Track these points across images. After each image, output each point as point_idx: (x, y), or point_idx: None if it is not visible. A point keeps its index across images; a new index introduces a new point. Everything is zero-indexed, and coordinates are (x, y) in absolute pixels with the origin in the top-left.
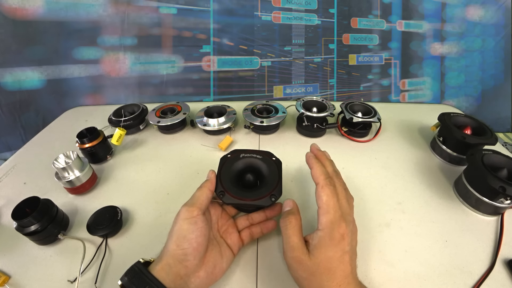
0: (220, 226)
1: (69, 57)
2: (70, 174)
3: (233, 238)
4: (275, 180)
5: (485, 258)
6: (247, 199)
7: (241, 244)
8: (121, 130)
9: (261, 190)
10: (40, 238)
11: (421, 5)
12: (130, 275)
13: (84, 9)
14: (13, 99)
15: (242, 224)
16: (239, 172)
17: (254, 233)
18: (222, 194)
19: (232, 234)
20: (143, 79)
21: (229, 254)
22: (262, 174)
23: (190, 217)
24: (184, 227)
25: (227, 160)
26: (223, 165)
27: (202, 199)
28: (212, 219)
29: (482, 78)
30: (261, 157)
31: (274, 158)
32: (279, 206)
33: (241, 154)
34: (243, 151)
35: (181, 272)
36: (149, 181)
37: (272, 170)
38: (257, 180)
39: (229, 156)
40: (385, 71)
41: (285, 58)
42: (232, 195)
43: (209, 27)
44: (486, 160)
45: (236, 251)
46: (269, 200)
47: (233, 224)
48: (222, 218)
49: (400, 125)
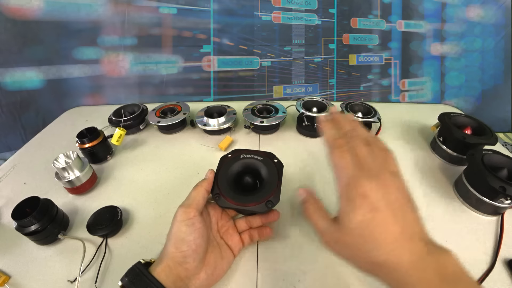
0: (220, 227)
1: (69, 57)
2: (70, 174)
3: (234, 239)
4: (273, 184)
5: (485, 258)
6: (242, 204)
7: (242, 245)
8: (121, 130)
9: (258, 195)
10: (40, 238)
11: (421, 5)
12: (131, 276)
13: (84, 9)
14: (13, 99)
15: (242, 226)
16: (237, 173)
17: (254, 236)
18: (217, 196)
19: (233, 235)
20: (143, 79)
21: (229, 255)
22: (261, 176)
23: (187, 219)
24: (182, 230)
25: (227, 161)
26: (222, 166)
27: (198, 199)
28: (212, 220)
29: (482, 78)
30: (262, 158)
31: (276, 160)
32: (275, 213)
33: (241, 155)
34: (244, 151)
35: (181, 274)
36: (149, 181)
37: (271, 173)
38: (256, 182)
39: (230, 156)
40: (385, 71)
41: (285, 58)
42: (227, 199)
43: (209, 27)
44: (486, 160)
45: (236, 252)
46: (264, 206)
47: (233, 225)
48: (222, 219)
49: (400, 125)
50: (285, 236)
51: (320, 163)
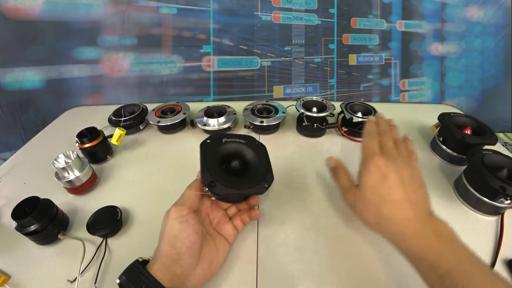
0: (212, 219)
1: (69, 57)
2: (70, 174)
3: (227, 228)
4: (264, 165)
5: (485, 258)
6: (240, 188)
7: (236, 232)
8: (121, 130)
9: (252, 177)
10: (40, 238)
11: (421, 5)
12: (128, 274)
13: (84, 9)
14: (13, 99)
15: (232, 211)
16: (225, 158)
17: (245, 220)
18: (212, 184)
19: (226, 224)
20: (143, 79)
21: (224, 245)
22: (248, 160)
23: (181, 216)
24: (175, 227)
25: (209, 147)
26: (206, 153)
27: (192, 198)
28: (202, 214)
29: (482, 78)
30: (245, 141)
31: (257, 143)
32: (256, 198)
33: (223, 139)
34: (225, 135)
35: (177, 272)
36: (149, 181)
37: (259, 154)
38: (243, 167)
39: (209, 141)
40: (385, 71)
41: (285, 58)
42: (224, 185)
43: (209, 27)
44: (486, 160)
45: (232, 240)
46: (263, 187)
47: (225, 214)
48: (214, 211)
49: (400, 125)
50: (285, 236)
51: (320, 163)
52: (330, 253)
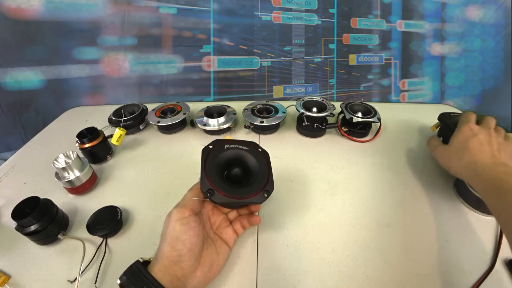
0: (212, 223)
1: (69, 57)
2: (70, 174)
3: (228, 232)
4: (265, 173)
5: (485, 258)
6: (239, 197)
7: (236, 236)
8: (121, 130)
9: (252, 185)
10: (40, 238)
11: (421, 5)
12: (129, 274)
13: (84, 9)
14: (13, 99)
15: (233, 215)
16: (226, 165)
17: (245, 225)
18: (211, 192)
19: (226, 228)
20: (143, 79)
21: (225, 249)
22: (249, 167)
23: (182, 218)
24: (176, 229)
25: (211, 152)
26: (208, 158)
27: (194, 200)
28: (204, 217)
29: (482, 78)
30: (248, 148)
31: (260, 150)
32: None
33: (225, 145)
34: (227, 141)
35: (177, 274)
36: (149, 181)
37: (260, 162)
38: (245, 173)
39: (211, 147)
40: (385, 71)
41: (285, 58)
42: (222, 193)
43: (209, 27)
44: None
45: (232, 244)
46: (262, 196)
47: (226, 218)
48: (214, 215)
49: (400, 125)
50: (285, 236)
51: (320, 163)
52: (330, 254)
